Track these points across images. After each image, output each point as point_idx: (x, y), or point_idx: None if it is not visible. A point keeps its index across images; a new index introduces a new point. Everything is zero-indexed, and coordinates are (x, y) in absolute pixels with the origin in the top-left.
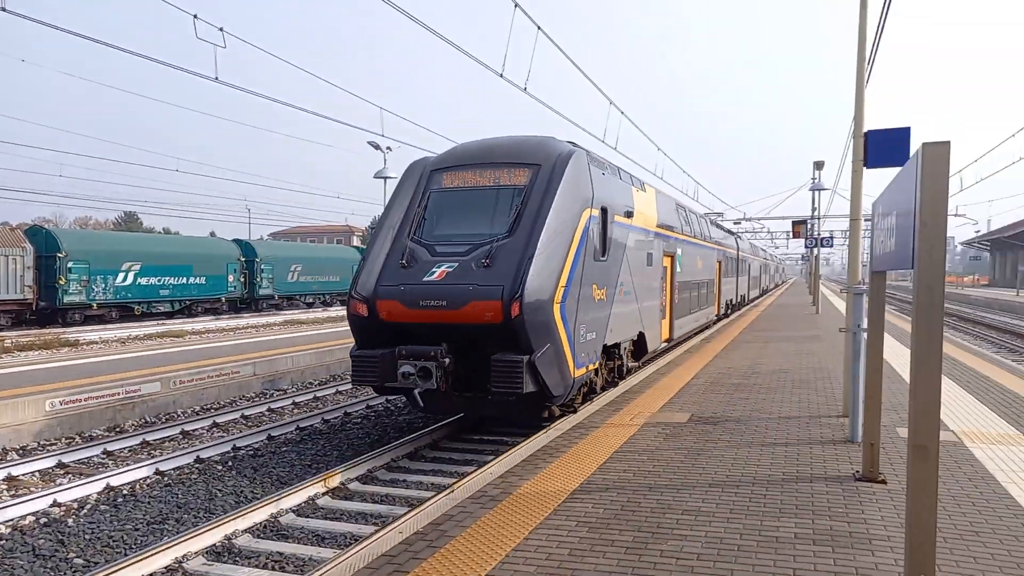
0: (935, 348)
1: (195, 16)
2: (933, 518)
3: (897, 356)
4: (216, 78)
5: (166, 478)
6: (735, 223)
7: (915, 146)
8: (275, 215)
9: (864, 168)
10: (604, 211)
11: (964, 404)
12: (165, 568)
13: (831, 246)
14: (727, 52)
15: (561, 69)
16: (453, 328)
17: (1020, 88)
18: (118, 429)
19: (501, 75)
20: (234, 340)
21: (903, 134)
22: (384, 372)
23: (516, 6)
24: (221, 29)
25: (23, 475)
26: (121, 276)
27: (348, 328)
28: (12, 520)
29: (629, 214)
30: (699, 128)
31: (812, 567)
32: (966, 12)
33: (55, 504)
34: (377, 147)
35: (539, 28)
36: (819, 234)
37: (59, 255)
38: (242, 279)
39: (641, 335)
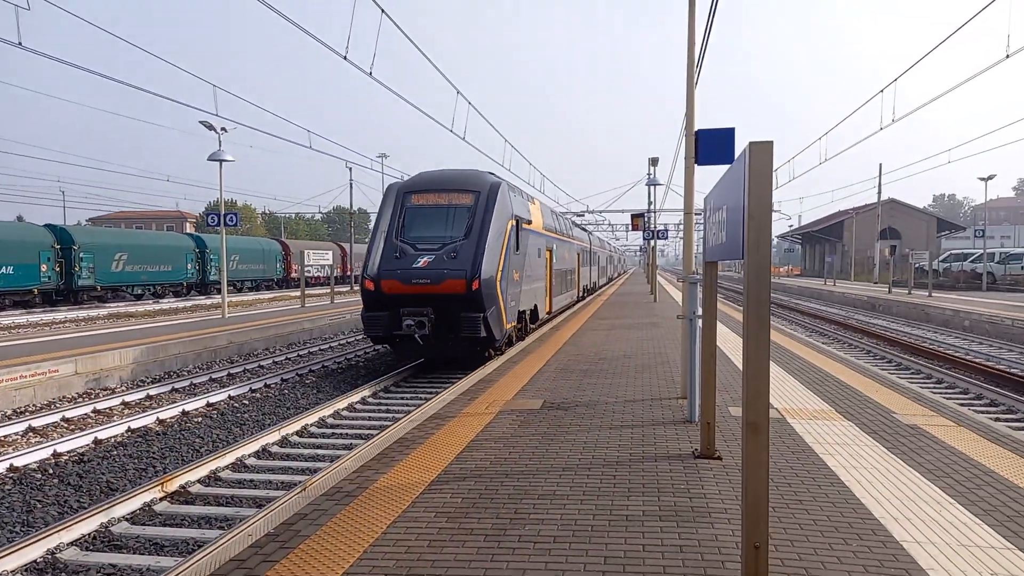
0: (764, 331)
1: None
2: (766, 490)
3: (727, 341)
4: (20, 43)
5: None
6: (578, 215)
7: (741, 145)
8: (95, 199)
9: (696, 165)
10: (517, 221)
11: (785, 384)
12: None
13: (666, 238)
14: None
15: (418, 61)
16: (433, 297)
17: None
18: None
19: (345, 58)
20: (50, 336)
21: (728, 134)
22: (389, 325)
23: None
24: None
25: None
26: None
27: (182, 322)
28: None
29: (528, 222)
30: (549, 123)
31: (660, 542)
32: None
33: None
34: (211, 127)
35: (383, 11)
36: (656, 227)
37: None
38: (57, 268)
39: (536, 307)
